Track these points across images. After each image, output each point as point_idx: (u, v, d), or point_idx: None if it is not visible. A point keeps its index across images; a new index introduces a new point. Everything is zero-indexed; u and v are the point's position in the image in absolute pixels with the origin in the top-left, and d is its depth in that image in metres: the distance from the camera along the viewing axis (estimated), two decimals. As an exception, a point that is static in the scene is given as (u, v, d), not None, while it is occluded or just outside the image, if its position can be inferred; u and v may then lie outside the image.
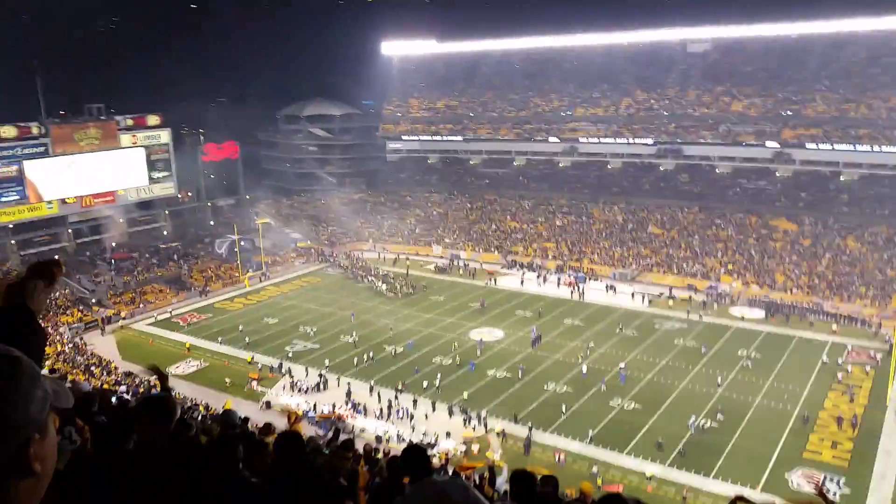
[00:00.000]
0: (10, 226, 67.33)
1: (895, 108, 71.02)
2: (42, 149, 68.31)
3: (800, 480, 32.95)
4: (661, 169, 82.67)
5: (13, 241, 67.79)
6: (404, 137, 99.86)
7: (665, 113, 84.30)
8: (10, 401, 1.39)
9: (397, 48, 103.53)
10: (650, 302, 61.20)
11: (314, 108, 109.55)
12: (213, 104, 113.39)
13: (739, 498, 3.53)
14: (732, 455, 35.61)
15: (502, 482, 19.91)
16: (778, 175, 76.00)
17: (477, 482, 15.92)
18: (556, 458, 35.32)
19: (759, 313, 57.25)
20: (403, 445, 28.66)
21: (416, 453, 4.45)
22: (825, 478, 32.86)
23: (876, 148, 69.49)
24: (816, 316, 55.51)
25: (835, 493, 31.36)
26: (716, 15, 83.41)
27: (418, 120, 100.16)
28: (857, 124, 71.94)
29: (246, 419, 10.36)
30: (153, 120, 78.03)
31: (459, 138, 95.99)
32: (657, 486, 32.76)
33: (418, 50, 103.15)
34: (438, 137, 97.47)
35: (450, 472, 20.36)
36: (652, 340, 52.39)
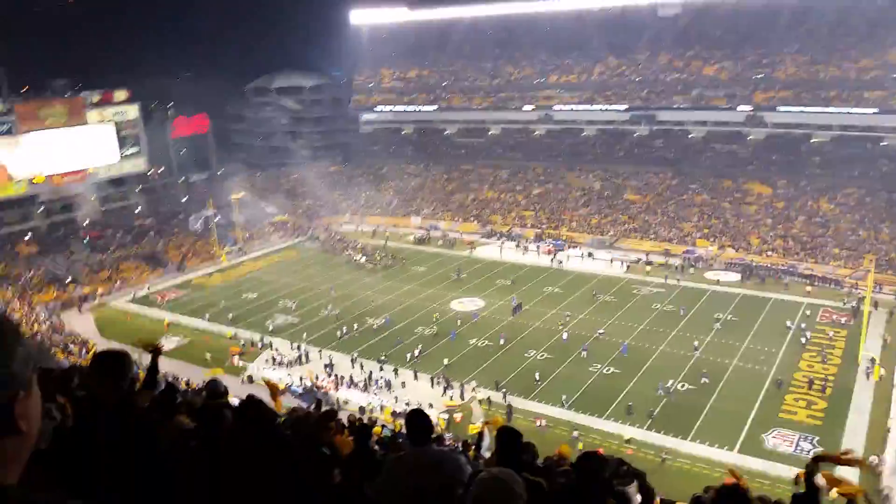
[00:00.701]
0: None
1: (864, 68, 71.70)
2: (6, 127, 66.67)
3: (775, 440, 33.80)
4: (636, 135, 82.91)
5: (-19, 222, 66.49)
6: (377, 108, 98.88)
7: (637, 78, 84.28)
8: None
9: (367, 16, 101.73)
10: (628, 268, 61.86)
11: (283, 79, 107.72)
12: (180, 78, 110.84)
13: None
14: (710, 417, 36.39)
15: (486, 446, 20.21)
16: (750, 139, 76.61)
17: (460, 448, 16.18)
18: (538, 424, 35.83)
19: (735, 276, 58.12)
20: (386, 415, 28.64)
21: (420, 418, 4.47)
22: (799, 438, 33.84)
23: (846, 109, 70.20)
24: (791, 277, 56.48)
25: (808, 452, 32.27)
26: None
27: (391, 90, 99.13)
28: (827, 86, 72.51)
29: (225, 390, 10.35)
30: (121, 95, 76.40)
31: (433, 108, 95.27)
32: (637, 449, 33.41)
33: (388, 18, 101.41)
34: (412, 108, 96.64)
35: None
36: (630, 305, 53.05)
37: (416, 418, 4.45)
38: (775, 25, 78.52)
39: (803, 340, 44.67)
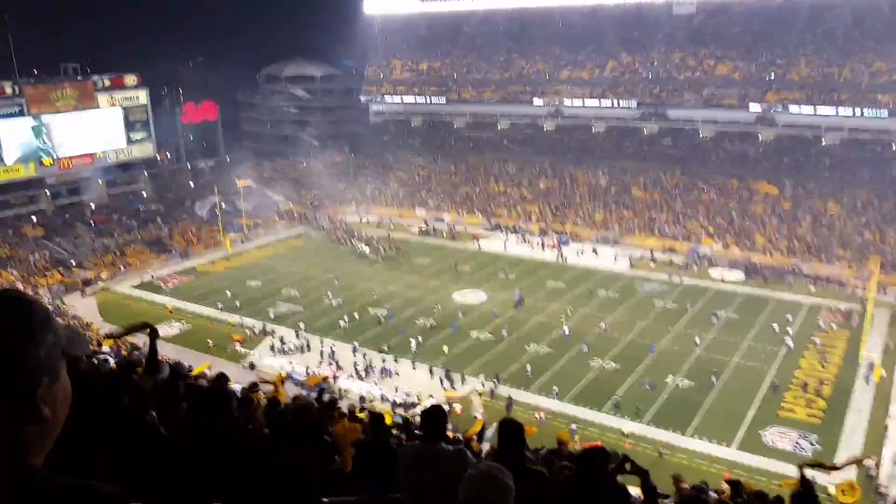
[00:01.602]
0: (-13, 187, 66.25)
1: (877, 72, 71.17)
2: (17, 109, 66.89)
3: (773, 438, 33.73)
4: (645, 132, 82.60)
5: (-10, 203, 66.76)
6: (387, 99, 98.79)
7: (649, 76, 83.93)
8: (20, 343, 1.40)
9: (379, 7, 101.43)
10: (632, 264, 61.71)
11: (294, 67, 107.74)
12: (190, 63, 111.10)
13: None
14: (709, 413, 36.35)
15: (488, 437, 20.31)
16: (760, 139, 76.25)
17: (461, 438, 16.24)
18: (537, 417, 35.84)
19: (739, 275, 57.90)
20: (387, 406, 28.90)
21: (434, 414, 4.42)
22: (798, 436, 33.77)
23: (858, 112, 69.72)
24: (795, 277, 56.21)
25: (807, 450, 32.21)
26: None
27: (401, 81, 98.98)
28: (839, 88, 72.06)
29: (221, 375, 10.37)
30: (130, 80, 76.51)
31: (443, 100, 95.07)
32: (634, 443, 33.39)
33: (401, 9, 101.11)
34: (422, 99, 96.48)
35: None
36: (632, 302, 52.95)
37: (431, 414, 4.38)
38: (790, 26, 77.97)
39: (791, 344, 43.87)
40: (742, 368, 41.42)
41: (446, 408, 36.28)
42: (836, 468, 5.53)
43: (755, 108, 75.41)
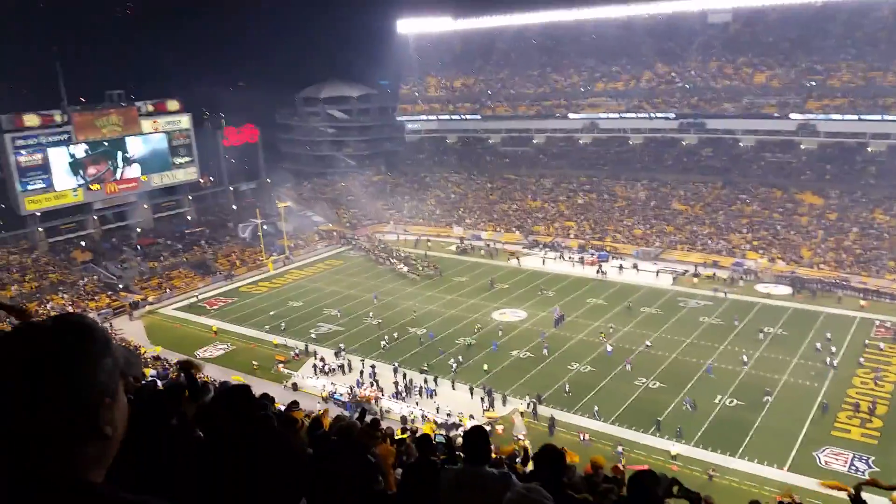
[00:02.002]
0: (39, 214, 68.23)
1: (924, 75, 69.46)
2: (65, 136, 68.95)
3: (828, 458, 32.77)
4: (684, 143, 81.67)
5: (41, 229, 68.71)
6: (422, 117, 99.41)
7: (686, 86, 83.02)
8: (81, 366, 1.47)
9: (413, 26, 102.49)
10: (675, 280, 60.77)
11: (331, 89, 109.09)
12: (231, 88, 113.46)
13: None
14: (759, 433, 35.44)
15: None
16: (803, 148, 74.78)
17: (506, 460, 16.13)
18: (581, 438, 35.41)
19: (786, 290, 56.63)
20: (429, 426, 28.65)
21: (477, 436, 4.35)
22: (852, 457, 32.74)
23: (904, 118, 67.99)
24: (844, 291, 54.75)
25: (863, 472, 31.19)
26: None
27: (436, 99, 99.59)
28: (883, 93, 70.32)
29: (265, 396, 10.51)
30: (173, 105, 78.32)
31: (478, 117, 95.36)
32: (682, 465, 32.73)
33: (434, 28, 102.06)
34: (457, 117, 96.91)
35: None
36: (677, 318, 52.06)
37: (473, 436, 4.31)
38: (829, 31, 76.60)
39: (834, 363, 42.63)
40: (792, 386, 40.36)
41: (488, 428, 36.11)
42: (894, 488, 5.50)
43: (796, 116, 73.95)
